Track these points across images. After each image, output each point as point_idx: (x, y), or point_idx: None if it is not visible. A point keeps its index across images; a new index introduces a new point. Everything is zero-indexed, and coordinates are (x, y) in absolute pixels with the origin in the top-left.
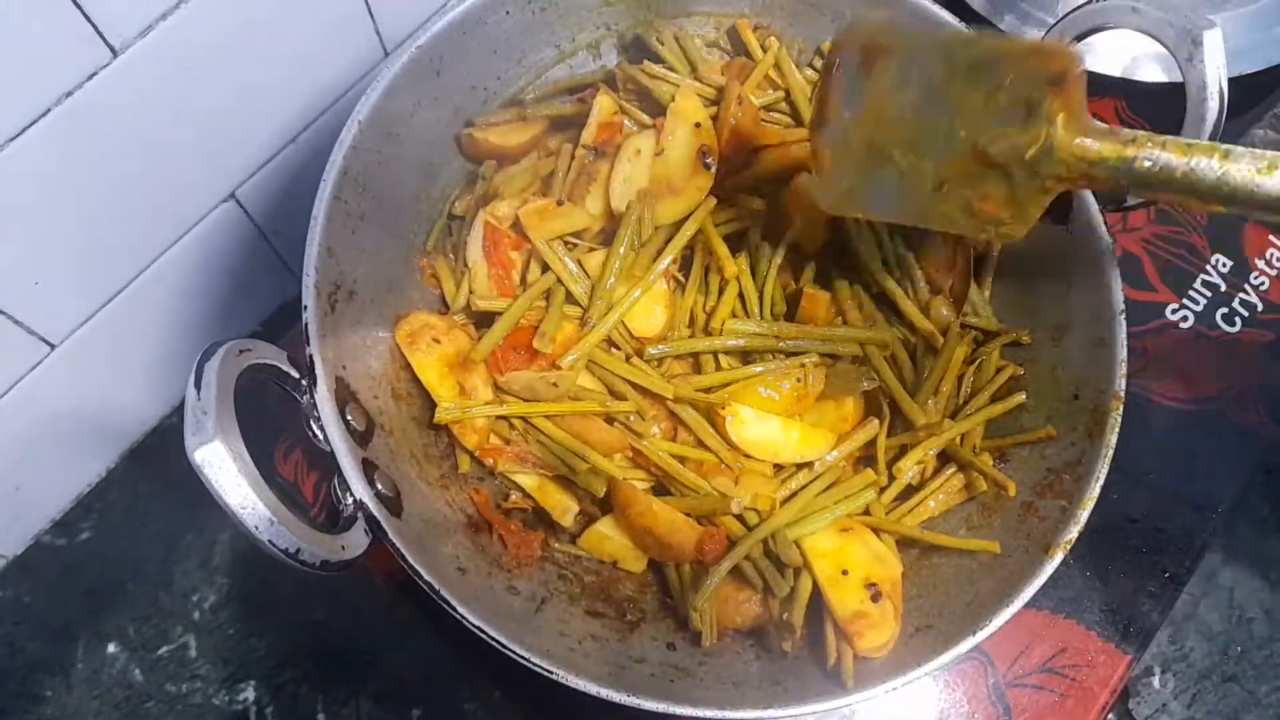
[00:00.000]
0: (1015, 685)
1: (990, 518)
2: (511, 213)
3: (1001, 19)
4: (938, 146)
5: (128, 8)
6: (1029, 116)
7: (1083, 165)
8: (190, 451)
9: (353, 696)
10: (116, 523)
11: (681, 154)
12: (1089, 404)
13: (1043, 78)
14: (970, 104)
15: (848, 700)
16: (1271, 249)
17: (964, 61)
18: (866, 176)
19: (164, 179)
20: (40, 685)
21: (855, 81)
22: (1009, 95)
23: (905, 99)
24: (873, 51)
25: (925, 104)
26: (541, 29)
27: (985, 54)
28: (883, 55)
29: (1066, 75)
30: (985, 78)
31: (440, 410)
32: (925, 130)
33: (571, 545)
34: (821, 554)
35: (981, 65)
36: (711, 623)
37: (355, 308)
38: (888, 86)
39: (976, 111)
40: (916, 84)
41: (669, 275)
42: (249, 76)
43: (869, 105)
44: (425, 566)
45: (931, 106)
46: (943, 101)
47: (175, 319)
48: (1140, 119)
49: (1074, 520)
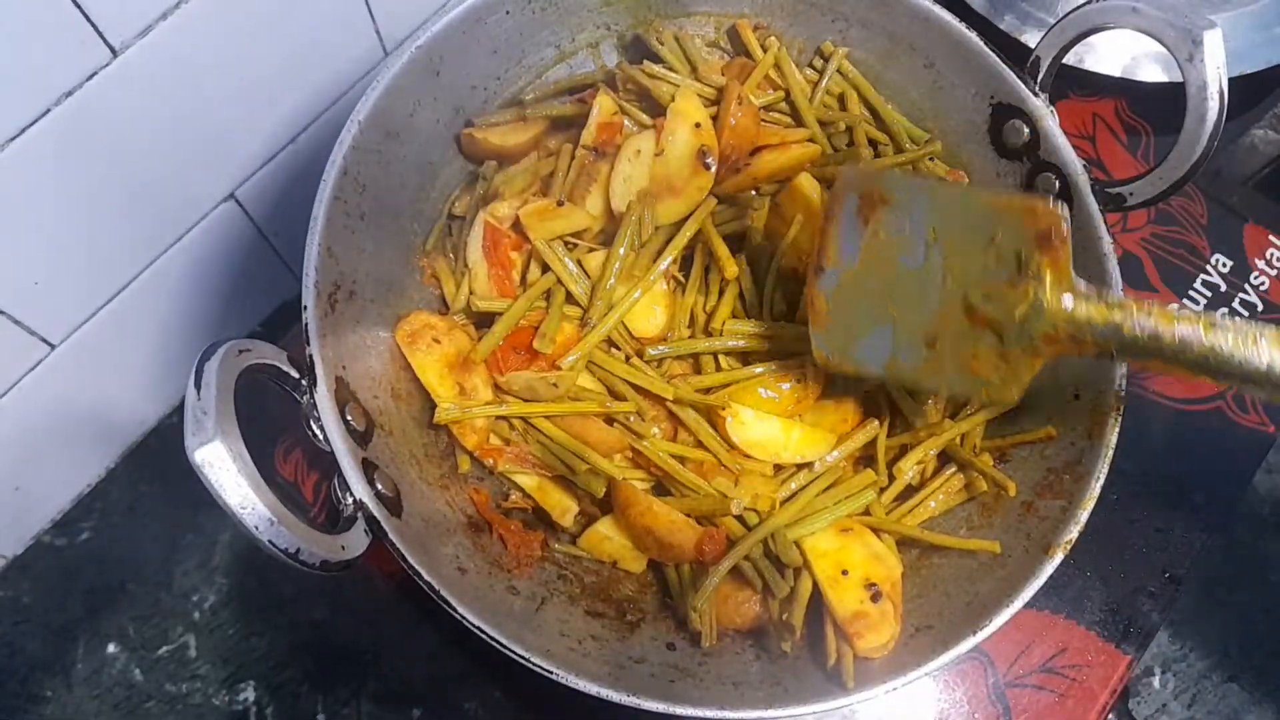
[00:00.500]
0: (1015, 685)
1: (990, 518)
2: (512, 213)
3: (1002, 19)
4: (930, 300)
5: (128, 8)
6: (1018, 273)
7: (1070, 327)
8: (190, 451)
9: (353, 696)
10: (116, 523)
11: (681, 154)
12: (1089, 404)
13: (1031, 234)
14: (962, 258)
15: (848, 700)
16: (1271, 249)
17: (957, 215)
18: (861, 328)
19: (164, 179)
20: (40, 685)
21: (852, 230)
22: (999, 251)
23: (900, 250)
24: (870, 200)
25: (919, 256)
26: (541, 29)
27: (977, 208)
28: (880, 204)
29: (1053, 233)
30: (976, 232)
31: (440, 410)
32: (918, 283)
33: (571, 545)
34: (821, 554)
35: (973, 219)
36: (711, 623)
37: (355, 308)
38: (884, 237)
39: (968, 266)
40: (911, 235)
41: (669, 276)
42: (249, 76)
43: (865, 255)
44: (425, 566)
45: (924, 259)
46: (935, 254)
47: (175, 319)
48: (1140, 119)
49: (1074, 520)
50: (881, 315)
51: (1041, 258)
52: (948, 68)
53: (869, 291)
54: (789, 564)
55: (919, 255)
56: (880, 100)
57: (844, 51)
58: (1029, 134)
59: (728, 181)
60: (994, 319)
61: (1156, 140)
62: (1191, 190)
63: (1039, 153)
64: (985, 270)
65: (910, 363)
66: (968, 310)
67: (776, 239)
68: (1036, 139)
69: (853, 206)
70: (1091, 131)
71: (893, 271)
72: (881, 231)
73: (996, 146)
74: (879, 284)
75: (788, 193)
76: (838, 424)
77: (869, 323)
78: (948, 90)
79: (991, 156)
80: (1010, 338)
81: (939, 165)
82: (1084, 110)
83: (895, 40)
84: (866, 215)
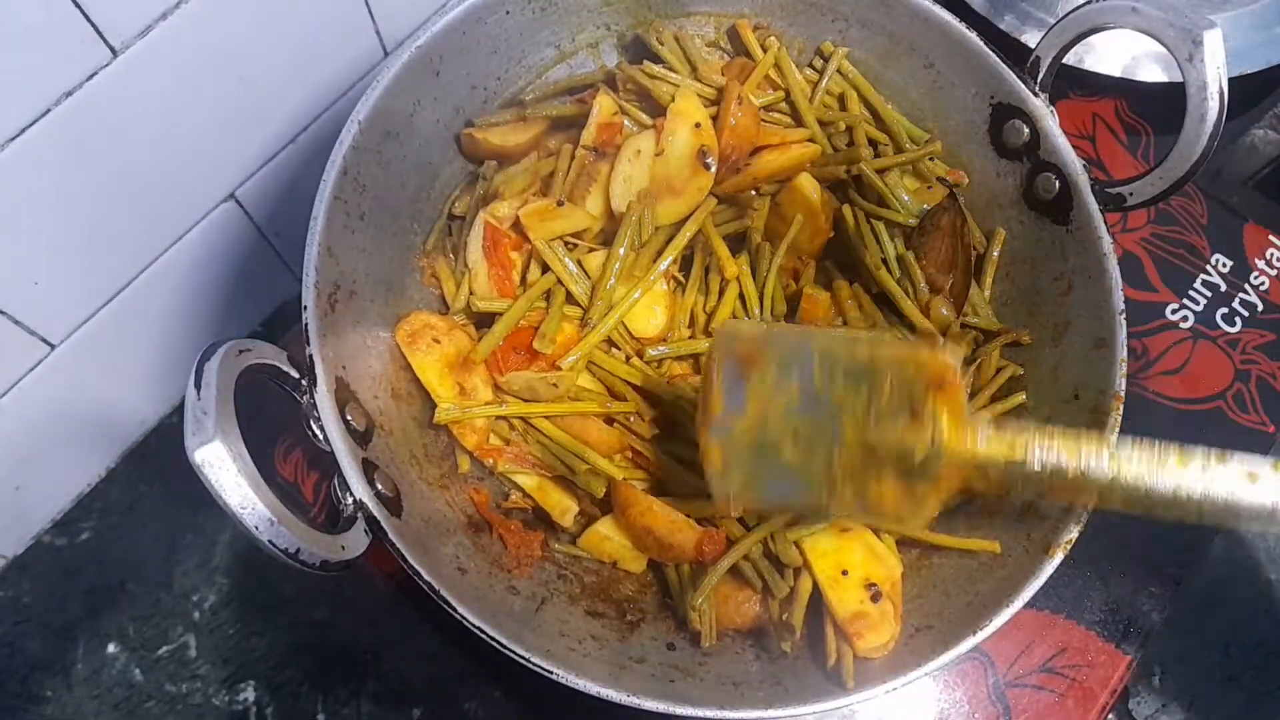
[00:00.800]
0: (1015, 685)
1: (990, 518)
2: (512, 213)
3: (1002, 19)
4: (826, 443)
5: (128, 8)
6: (913, 419)
7: (972, 465)
8: (190, 451)
9: (353, 696)
10: (116, 523)
11: (682, 154)
12: (1089, 404)
13: (922, 383)
14: (853, 406)
15: (848, 700)
16: (1271, 249)
17: (841, 368)
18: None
19: (164, 179)
20: (40, 685)
21: (735, 384)
22: (890, 400)
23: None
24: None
25: (808, 405)
26: (541, 29)
27: (862, 361)
28: (758, 363)
29: (945, 378)
30: (864, 383)
31: (440, 411)
32: (812, 427)
33: (571, 545)
34: (821, 554)
35: (860, 368)
36: (711, 623)
37: (355, 308)
38: (768, 391)
39: (860, 413)
40: (797, 387)
41: (669, 276)
42: (249, 76)
43: (752, 405)
44: (425, 566)
45: (815, 408)
46: (825, 403)
47: (175, 319)
48: (1140, 119)
49: (1074, 520)
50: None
51: (936, 402)
52: (948, 68)
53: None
54: (789, 564)
55: (808, 403)
56: (880, 100)
57: (844, 51)
58: (1029, 134)
59: (728, 181)
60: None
61: (1156, 140)
62: (1191, 190)
63: (1039, 153)
64: (880, 414)
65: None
66: (866, 451)
67: (776, 239)
68: (1036, 139)
69: (731, 365)
70: (1091, 131)
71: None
72: (764, 384)
73: (996, 146)
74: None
75: (788, 193)
76: None
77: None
78: (948, 90)
79: (991, 156)
80: (913, 474)
81: (939, 165)
82: (1084, 110)
83: (895, 40)
84: (746, 372)
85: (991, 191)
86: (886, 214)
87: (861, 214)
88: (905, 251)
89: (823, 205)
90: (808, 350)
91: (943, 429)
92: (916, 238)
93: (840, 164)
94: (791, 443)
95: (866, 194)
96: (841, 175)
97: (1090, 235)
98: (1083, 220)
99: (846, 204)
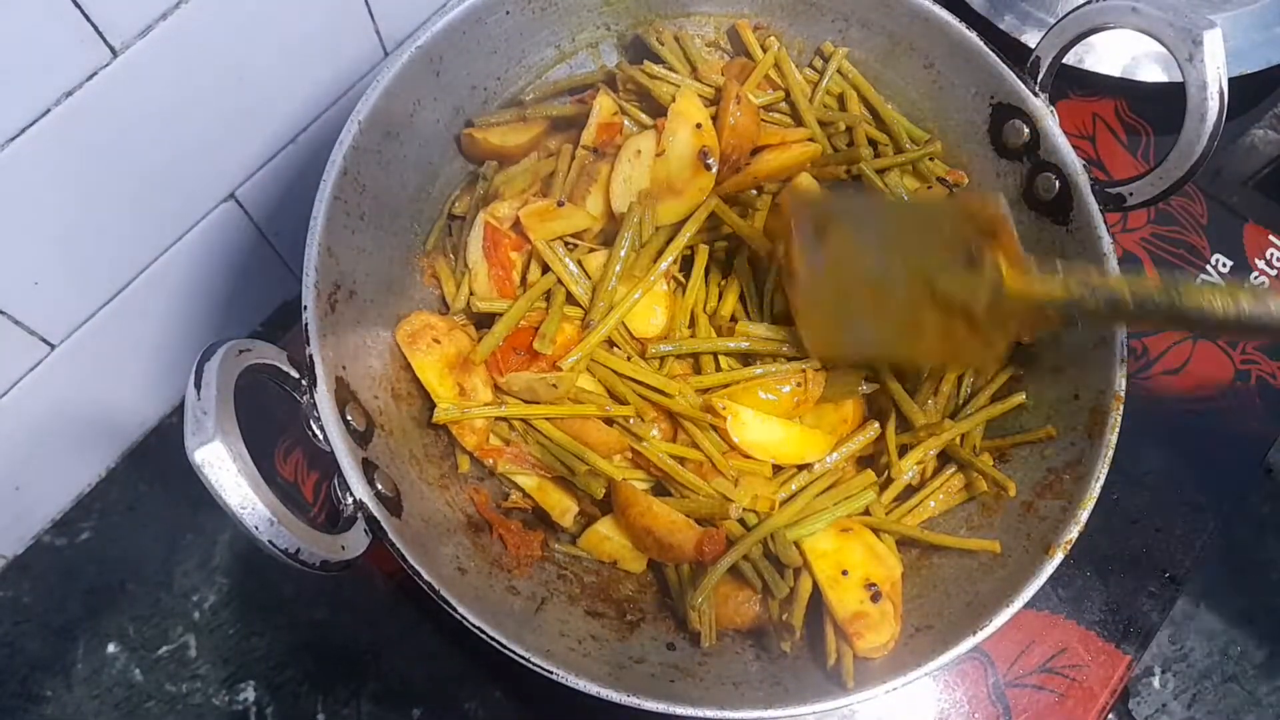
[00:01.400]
0: (1015, 685)
1: (990, 518)
2: (512, 213)
3: (1002, 19)
4: (899, 293)
5: (128, 8)
6: (973, 264)
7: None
8: (190, 451)
9: (353, 696)
10: (116, 523)
11: (682, 155)
12: (1089, 404)
13: (976, 229)
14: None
15: (848, 700)
16: (1271, 249)
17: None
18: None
19: (164, 179)
20: (40, 685)
21: (813, 242)
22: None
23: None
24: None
25: (880, 258)
26: (541, 29)
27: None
28: (831, 223)
29: (996, 223)
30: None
31: (438, 411)
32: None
33: (571, 545)
34: (821, 554)
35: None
36: (710, 623)
37: (355, 308)
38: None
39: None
40: (869, 243)
41: (669, 276)
42: (249, 76)
43: (830, 264)
44: (425, 566)
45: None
46: (894, 255)
47: (175, 319)
48: (1140, 119)
49: (1074, 520)
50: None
51: (992, 246)
52: (948, 68)
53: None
54: (789, 564)
55: (879, 259)
56: (880, 100)
57: (844, 51)
58: (1029, 134)
59: (728, 181)
60: (961, 304)
61: (1156, 140)
62: (1191, 190)
63: (1039, 153)
64: (944, 264)
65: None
66: (935, 298)
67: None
68: (1036, 139)
69: (808, 228)
70: (1091, 131)
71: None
72: (838, 244)
73: (996, 146)
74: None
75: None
76: (838, 425)
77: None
78: (948, 90)
79: (991, 156)
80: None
81: (939, 165)
82: (1084, 110)
83: (895, 40)
84: (821, 233)
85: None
86: None
87: None
88: None
89: None
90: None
91: (1001, 271)
92: None
93: (840, 164)
94: (869, 295)
95: None
96: (841, 175)
97: (1090, 235)
98: (1083, 220)
99: None
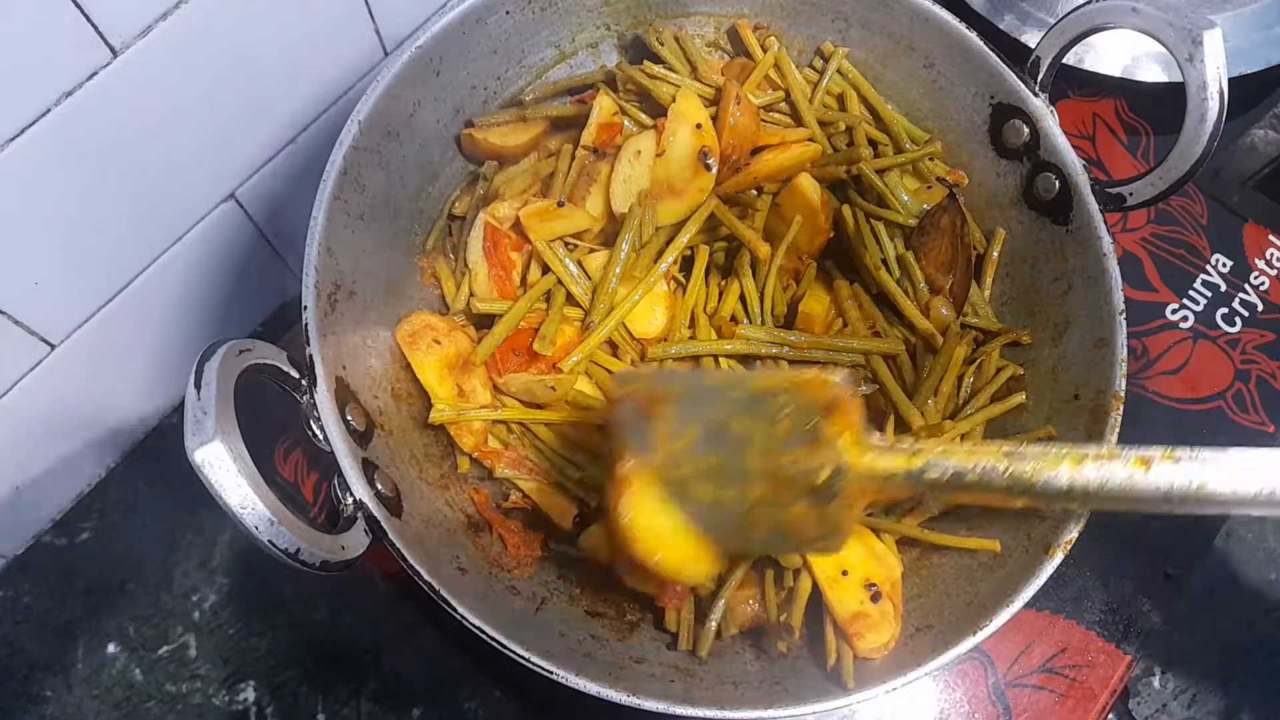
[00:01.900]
0: (1015, 685)
1: (990, 518)
2: (512, 214)
3: (1001, 19)
4: (735, 476)
5: (128, 8)
6: (813, 443)
7: (877, 481)
8: (190, 451)
9: (353, 696)
10: (116, 523)
11: (683, 155)
12: (1089, 404)
13: (817, 407)
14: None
15: (848, 700)
16: (1271, 249)
17: (739, 401)
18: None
19: (164, 179)
20: (40, 685)
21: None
22: (789, 426)
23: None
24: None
25: (712, 440)
26: (541, 29)
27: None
28: (658, 403)
29: (837, 402)
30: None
31: (434, 411)
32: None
33: (571, 546)
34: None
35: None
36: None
37: (355, 308)
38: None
39: (763, 444)
40: (700, 424)
41: (669, 276)
42: (249, 76)
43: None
44: (425, 566)
45: (719, 442)
46: (728, 437)
47: (175, 319)
48: (1140, 119)
49: (1074, 520)
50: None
51: (834, 424)
52: (948, 68)
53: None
54: (788, 564)
55: (712, 439)
56: (880, 100)
57: (844, 51)
58: (1029, 134)
59: (728, 181)
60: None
61: (1156, 140)
62: (1191, 190)
63: (1039, 153)
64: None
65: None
66: (773, 480)
67: (776, 239)
68: (1036, 139)
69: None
70: (1091, 131)
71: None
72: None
73: (996, 146)
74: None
75: (788, 193)
76: None
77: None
78: (948, 90)
79: (991, 156)
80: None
81: (939, 165)
82: (1084, 110)
83: (895, 40)
84: (648, 413)
85: (991, 191)
86: (886, 214)
87: (861, 214)
88: (905, 252)
89: (823, 205)
90: (703, 388)
91: (842, 448)
92: (916, 238)
93: (840, 164)
94: (702, 479)
95: (866, 194)
96: (841, 175)
97: (1090, 235)
98: (1083, 220)
99: (846, 204)
